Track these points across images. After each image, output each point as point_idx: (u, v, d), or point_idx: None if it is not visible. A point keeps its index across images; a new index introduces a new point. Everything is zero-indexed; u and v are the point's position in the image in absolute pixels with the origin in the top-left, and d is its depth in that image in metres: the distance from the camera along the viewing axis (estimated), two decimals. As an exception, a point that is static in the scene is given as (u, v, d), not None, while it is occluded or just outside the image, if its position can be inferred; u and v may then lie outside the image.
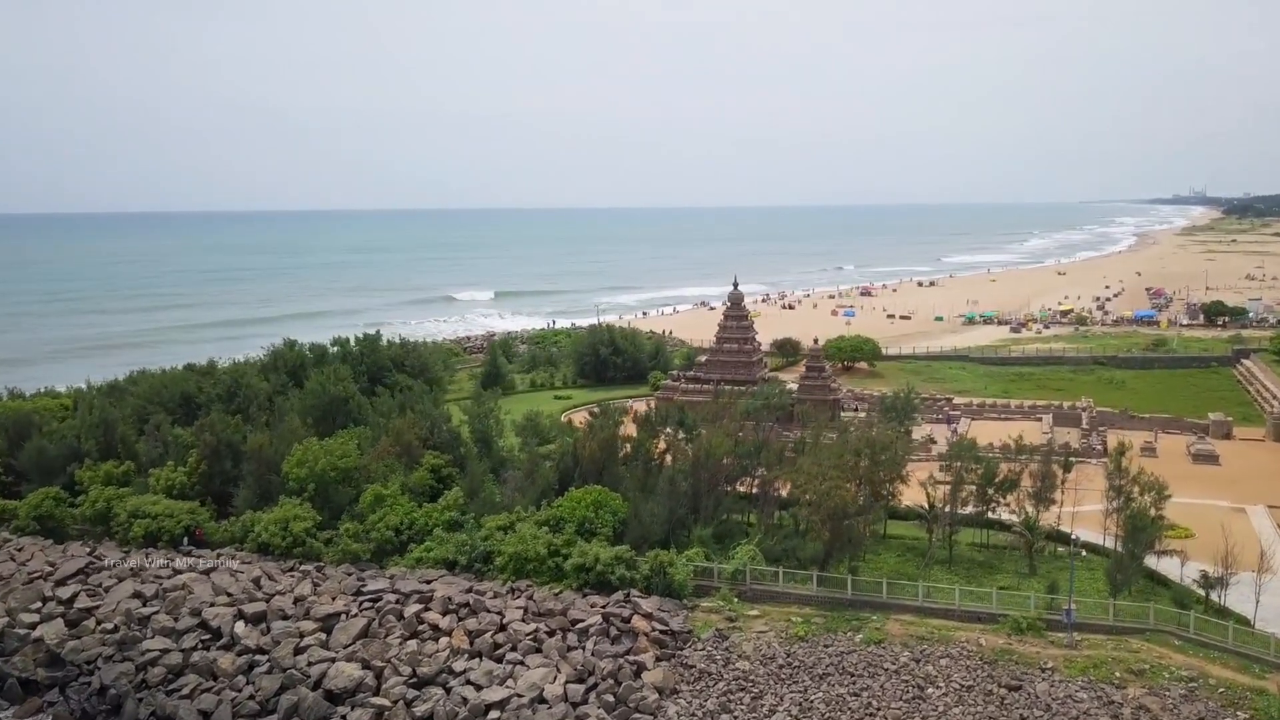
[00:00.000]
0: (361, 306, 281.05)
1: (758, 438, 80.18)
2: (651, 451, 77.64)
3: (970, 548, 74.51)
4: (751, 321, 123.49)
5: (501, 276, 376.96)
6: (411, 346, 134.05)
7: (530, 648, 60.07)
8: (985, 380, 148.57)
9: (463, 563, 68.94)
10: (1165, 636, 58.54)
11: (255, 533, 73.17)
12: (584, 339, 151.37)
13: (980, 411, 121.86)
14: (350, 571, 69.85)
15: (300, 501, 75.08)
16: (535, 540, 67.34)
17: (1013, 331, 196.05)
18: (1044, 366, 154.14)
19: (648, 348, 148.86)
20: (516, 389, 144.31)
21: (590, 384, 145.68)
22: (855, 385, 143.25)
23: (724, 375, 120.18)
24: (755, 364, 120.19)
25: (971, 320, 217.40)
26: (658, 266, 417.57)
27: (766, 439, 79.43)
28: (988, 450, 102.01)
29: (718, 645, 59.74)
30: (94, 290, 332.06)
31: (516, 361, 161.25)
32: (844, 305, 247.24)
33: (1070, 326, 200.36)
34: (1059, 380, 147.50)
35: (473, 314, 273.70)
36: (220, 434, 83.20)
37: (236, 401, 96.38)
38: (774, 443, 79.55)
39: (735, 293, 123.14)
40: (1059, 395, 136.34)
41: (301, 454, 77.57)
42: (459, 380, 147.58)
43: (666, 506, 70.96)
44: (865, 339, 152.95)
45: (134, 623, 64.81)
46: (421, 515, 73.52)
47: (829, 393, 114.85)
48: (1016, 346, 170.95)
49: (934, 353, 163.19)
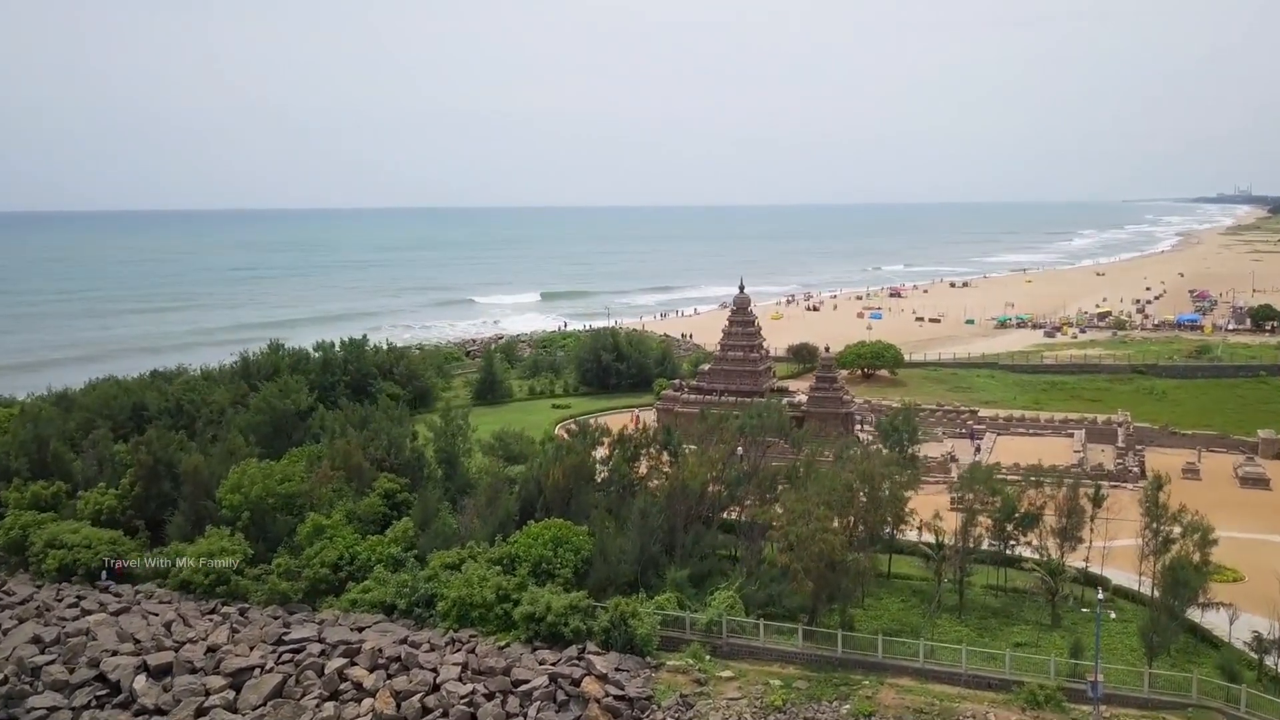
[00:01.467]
0: (384, 308, 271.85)
1: (751, 460, 71.48)
2: (628, 477, 69.21)
3: (985, 591, 65.40)
4: (758, 327, 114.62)
5: (539, 277, 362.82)
6: (400, 353, 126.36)
7: (464, 714, 51.72)
8: (1015, 390, 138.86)
9: (402, 607, 60.71)
10: (1211, 714, 49.32)
11: (177, 568, 65.34)
12: (586, 343, 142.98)
13: (1007, 426, 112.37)
14: (277, 614, 61.81)
15: (231, 532, 67.18)
16: (483, 584, 59.02)
17: (1046, 336, 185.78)
18: (1078, 375, 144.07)
19: (654, 353, 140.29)
20: (514, 397, 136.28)
21: (593, 391, 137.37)
22: (875, 395, 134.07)
23: (728, 385, 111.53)
24: (762, 373, 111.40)
25: (1004, 324, 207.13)
26: (693, 265, 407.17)
27: (758, 463, 70.50)
28: (1012, 471, 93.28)
29: (680, 716, 51.08)
30: (117, 290, 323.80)
31: (519, 367, 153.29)
32: (871, 307, 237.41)
33: (1108, 331, 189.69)
34: (1094, 390, 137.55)
35: (512, 317, 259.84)
36: (159, 452, 75.54)
37: (185, 415, 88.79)
38: (766, 468, 70.77)
39: (740, 296, 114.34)
40: (1093, 407, 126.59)
41: (237, 478, 69.71)
42: (456, 388, 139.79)
43: (638, 543, 62.46)
44: (886, 345, 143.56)
45: (25, 673, 57.05)
46: (365, 549, 65.38)
47: (840, 405, 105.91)
48: (1050, 353, 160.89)
49: (961, 359, 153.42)
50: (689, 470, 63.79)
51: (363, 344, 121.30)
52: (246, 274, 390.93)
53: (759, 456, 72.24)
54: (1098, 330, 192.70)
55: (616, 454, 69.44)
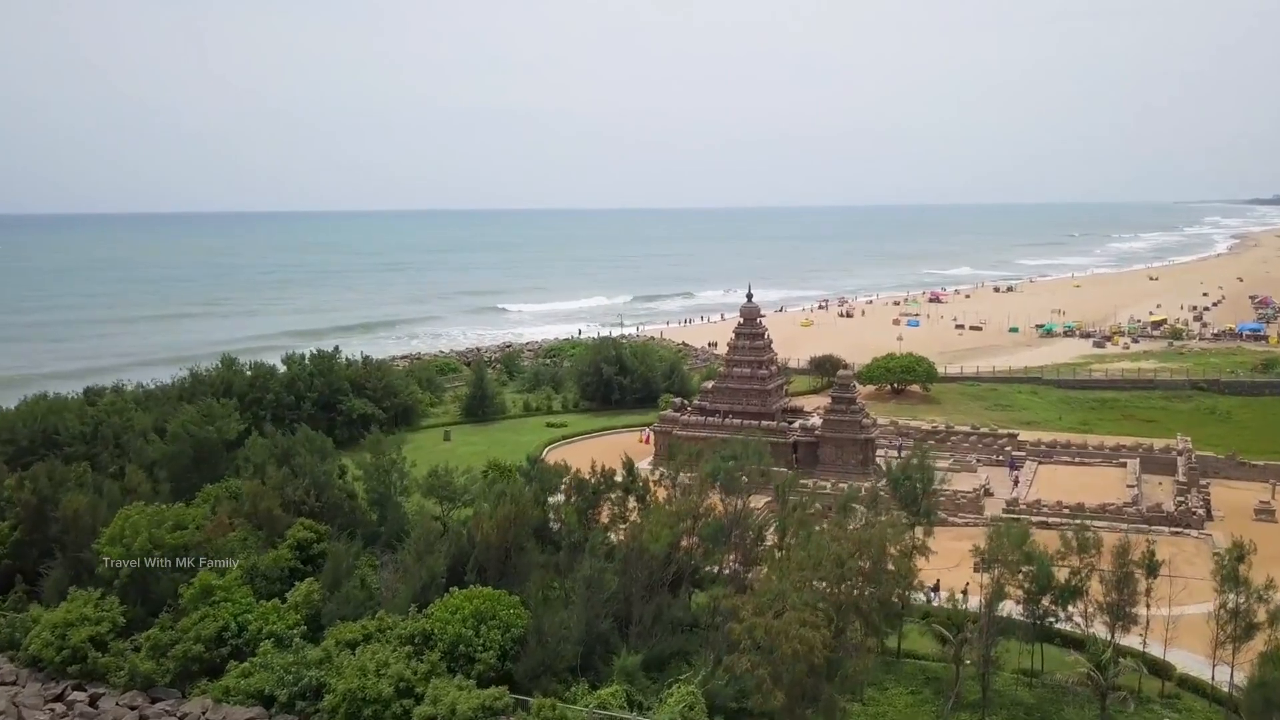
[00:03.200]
0: (415, 314, 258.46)
1: (735, 510, 59.11)
2: (579, 532, 57.19)
3: (1016, 679, 52.74)
4: (768, 340, 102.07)
5: (622, 281, 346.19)
6: (377, 365, 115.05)
7: None
8: (1060, 408, 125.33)
9: (282, 699, 49.05)
10: None
11: (27, 640, 54.16)
12: (585, 355, 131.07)
13: (1050, 453, 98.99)
14: (135, 704, 50.34)
15: (102, 594, 55.97)
16: (381, 672, 47.28)
17: (1095, 346, 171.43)
18: (1131, 391, 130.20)
19: (661, 366, 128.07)
20: (508, 413, 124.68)
21: (595, 408, 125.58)
22: (905, 414, 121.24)
23: (733, 406, 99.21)
24: (771, 392, 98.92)
25: (1049, 332, 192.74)
26: (721, 269, 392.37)
27: (739, 515, 58.04)
28: (1054, 510, 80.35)
29: None
30: (142, 295, 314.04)
31: (518, 379, 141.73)
32: (908, 314, 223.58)
33: (1163, 341, 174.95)
34: (1149, 409, 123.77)
35: (541, 324, 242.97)
36: (45, 489, 64.55)
37: (103, 442, 77.82)
38: (752, 518, 58.47)
39: (748, 305, 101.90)
40: (1148, 429, 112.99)
41: (119, 526, 58.49)
42: (447, 403, 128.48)
43: (582, 619, 50.46)
44: (918, 358, 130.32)
45: None
46: (257, 617, 53.89)
47: (859, 429, 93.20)
48: (1100, 365, 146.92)
49: (1001, 373, 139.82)
50: (649, 529, 51.53)
51: (332, 357, 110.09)
52: (278, 276, 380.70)
53: (744, 498, 59.76)
54: (1152, 340, 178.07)
55: (567, 506, 57.42)
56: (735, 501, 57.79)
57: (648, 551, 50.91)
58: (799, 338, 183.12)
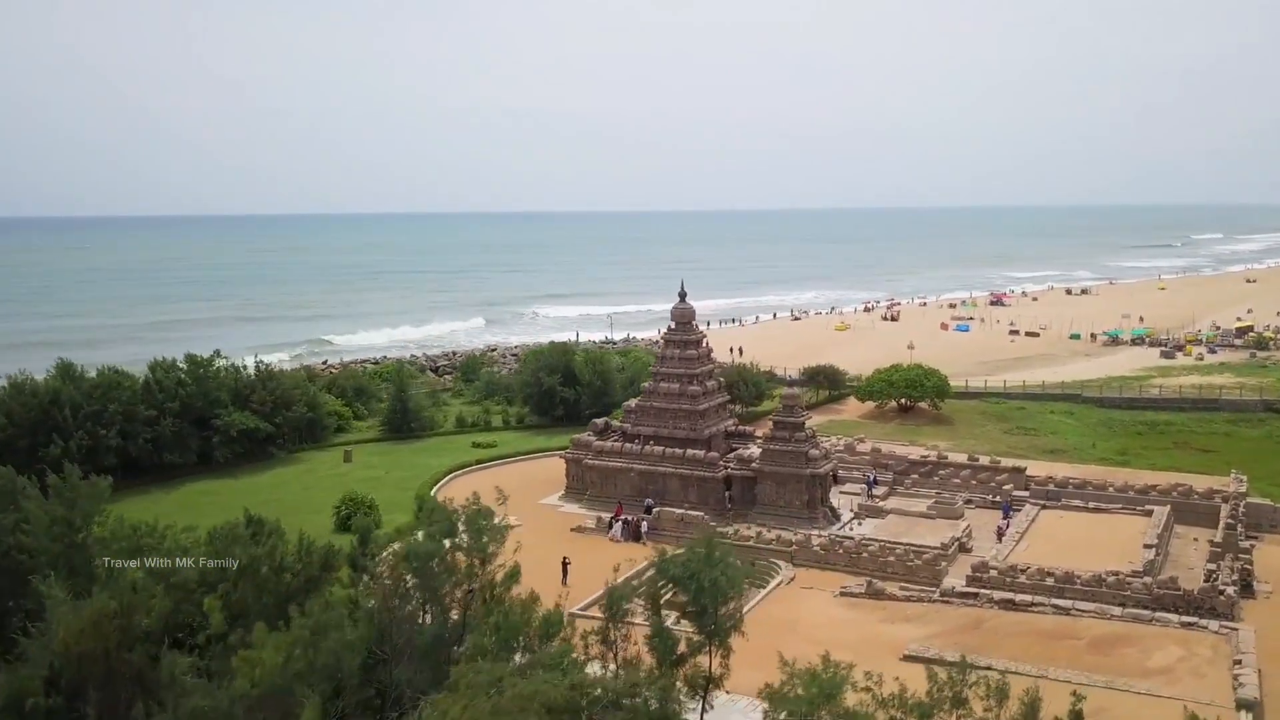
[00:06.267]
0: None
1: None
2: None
3: None
4: (706, 350, 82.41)
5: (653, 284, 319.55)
6: (267, 375, 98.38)
7: None
8: (1098, 432, 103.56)
9: None
10: None
11: None
12: (528, 363, 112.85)
13: (1059, 494, 77.71)
14: None
15: None
16: None
17: (1163, 357, 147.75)
18: (1191, 412, 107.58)
19: (621, 376, 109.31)
20: (439, 429, 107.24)
21: (545, 423, 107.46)
22: (905, 436, 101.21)
23: (658, 428, 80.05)
24: (705, 413, 79.35)
25: (1116, 339, 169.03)
26: (769, 273, 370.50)
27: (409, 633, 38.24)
28: (1034, 580, 59.68)
29: None
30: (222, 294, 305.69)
31: (470, 389, 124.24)
32: (959, 318, 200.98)
33: (1245, 351, 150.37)
34: (1208, 435, 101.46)
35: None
36: None
37: None
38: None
39: (680, 306, 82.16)
40: (1205, 461, 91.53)
41: None
42: (380, 412, 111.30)
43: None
44: (929, 370, 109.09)
45: None
46: None
47: (804, 462, 73.15)
48: (1163, 379, 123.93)
49: (1032, 389, 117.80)
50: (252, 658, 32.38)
51: (207, 364, 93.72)
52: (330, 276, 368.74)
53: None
54: (1233, 350, 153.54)
55: (214, 594, 38.73)
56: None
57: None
58: (828, 344, 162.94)
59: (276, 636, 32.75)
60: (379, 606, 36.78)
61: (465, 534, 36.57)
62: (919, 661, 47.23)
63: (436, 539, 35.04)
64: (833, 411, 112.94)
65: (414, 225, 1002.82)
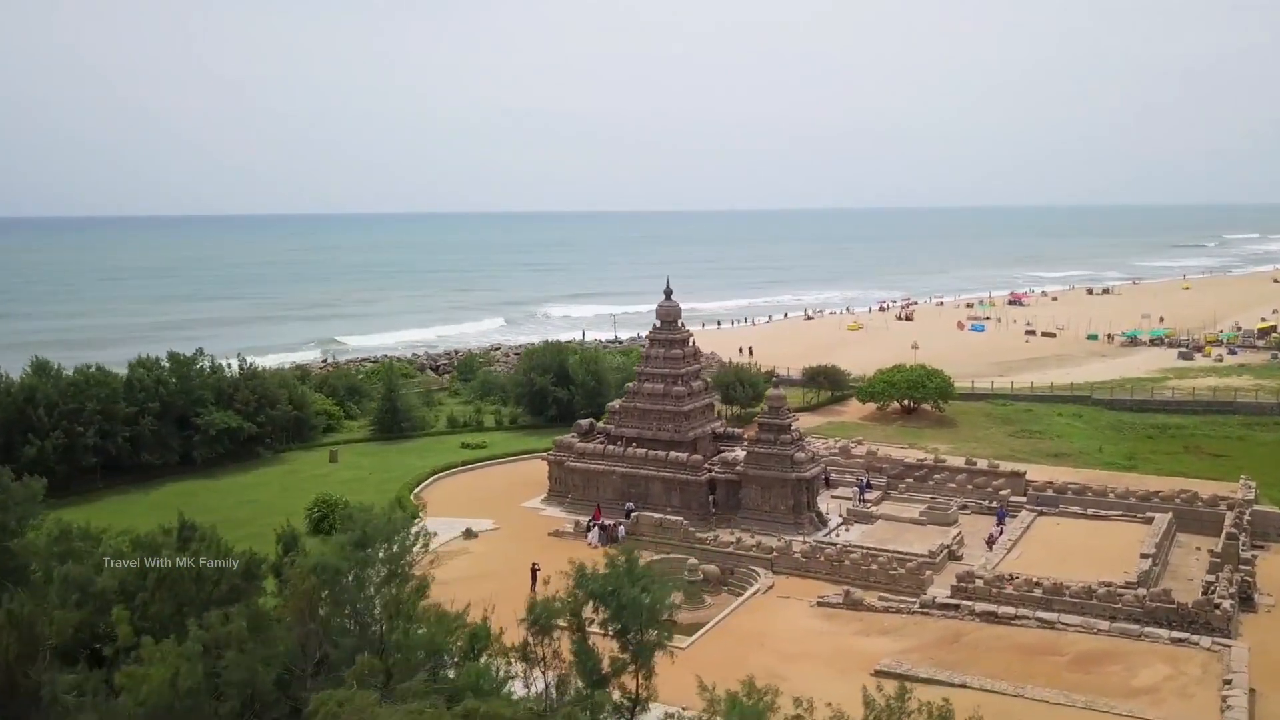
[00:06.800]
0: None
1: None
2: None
3: None
4: (692, 350, 79.99)
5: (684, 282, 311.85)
6: (250, 374, 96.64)
7: None
8: (1105, 435, 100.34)
9: None
10: None
11: None
12: (522, 362, 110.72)
13: (1057, 500, 74.73)
14: None
15: None
16: None
17: (1181, 358, 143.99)
18: (1204, 415, 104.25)
19: (616, 376, 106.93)
20: (429, 429, 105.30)
21: (538, 424, 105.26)
22: (906, 438, 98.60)
23: (641, 430, 77.66)
24: (689, 415, 76.88)
25: (1134, 339, 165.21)
26: (794, 272, 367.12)
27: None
28: (1021, 591, 56.89)
29: None
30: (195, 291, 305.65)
31: (466, 389, 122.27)
32: (975, 317, 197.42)
33: (1267, 353, 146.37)
34: (1221, 439, 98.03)
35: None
36: None
37: None
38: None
39: (665, 304, 79.82)
40: (1213, 467, 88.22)
41: None
42: (371, 412, 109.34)
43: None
44: (932, 370, 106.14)
45: None
46: None
47: (790, 466, 70.59)
48: (1179, 381, 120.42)
49: (1040, 390, 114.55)
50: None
51: (190, 362, 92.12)
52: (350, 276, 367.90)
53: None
54: (1254, 351, 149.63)
55: (122, 606, 36.60)
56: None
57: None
58: (839, 344, 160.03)
59: (164, 650, 30.61)
60: (292, 620, 34.61)
61: (381, 544, 34.29)
62: (891, 677, 44.56)
63: (345, 548, 32.72)
64: (834, 413, 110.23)
65: (414, 226, 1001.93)
